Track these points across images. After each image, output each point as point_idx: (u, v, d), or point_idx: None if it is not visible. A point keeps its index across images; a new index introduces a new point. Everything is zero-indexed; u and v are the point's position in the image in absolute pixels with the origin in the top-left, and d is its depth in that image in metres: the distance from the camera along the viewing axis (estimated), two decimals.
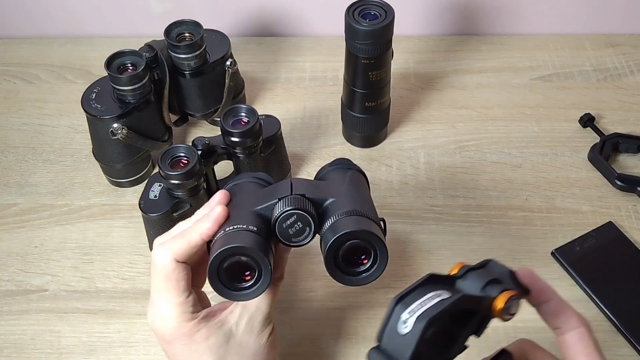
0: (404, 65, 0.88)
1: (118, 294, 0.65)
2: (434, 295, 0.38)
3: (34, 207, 0.72)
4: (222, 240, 0.45)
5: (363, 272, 0.46)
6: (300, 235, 0.47)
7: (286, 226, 0.46)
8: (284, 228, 0.47)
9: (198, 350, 0.47)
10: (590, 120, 0.78)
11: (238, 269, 0.45)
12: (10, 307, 0.64)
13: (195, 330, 0.47)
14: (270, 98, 0.84)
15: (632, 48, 0.89)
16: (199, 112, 0.77)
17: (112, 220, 0.71)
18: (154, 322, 0.48)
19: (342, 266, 0.46)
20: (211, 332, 0.47)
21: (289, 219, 0.46)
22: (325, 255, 0.45)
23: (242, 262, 0.45)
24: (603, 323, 0.61)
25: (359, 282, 0.46)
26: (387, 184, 0.73)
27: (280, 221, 0.46)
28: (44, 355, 0.60)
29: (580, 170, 0.74)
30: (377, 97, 0.71)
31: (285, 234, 0.47)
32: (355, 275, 0.46)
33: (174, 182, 0.61)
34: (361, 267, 0.46)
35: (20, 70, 0.89)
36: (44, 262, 0.67)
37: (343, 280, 0.46)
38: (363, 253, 0.46)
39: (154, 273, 0.48)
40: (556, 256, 0.65)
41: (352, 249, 0.45)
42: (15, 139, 0.80)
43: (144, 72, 0.67)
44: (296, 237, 0.47)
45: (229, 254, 0.44)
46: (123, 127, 0.67)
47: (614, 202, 0.71)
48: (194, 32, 0.72)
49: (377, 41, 0.65)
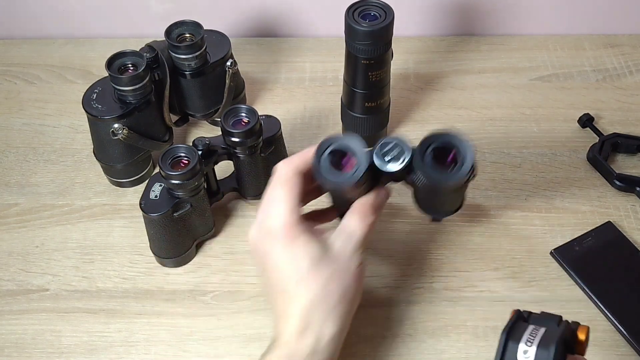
0: (403, 65, 0.88)
1: (119, 293, 0.65)
2: (535, 328, 0.39)
3: (35, 207, 0.72)
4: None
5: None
6: (396, 162, 0.51)
7: (385, 152, 0.51)
8: (382, 153, 0.51)
9: (296, 253, 0.51)
10: (590, 120, 0.78)
11: (340, 157, 0.51)
12: (11, 306, 0.64)
13: (299, 233, 0.52)
14: (270, 98, 0.84)
15: (631, 48, 0.89)
16: (200, 113, 0.77)
17: (112, 220, 0.71)
18: (263, 220, 0.53)
19: (431, 166, 0.49)
20: (311, 241, 0.52)
21: (388, 146, 0.51)
22: (416, 158, 0.50)
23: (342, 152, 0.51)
24: (602, 323, 0.61)
25: (449, 178, 0.49)
26: None
27: (381, 146, 0.51)
28: (45, 354, 0.60)
29: (579, 170, 0.74)
30: (377, 98, 0.71)
31: (381, 158, 0.51)
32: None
33: (175, 182, 0.61)
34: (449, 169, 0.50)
35: (21, 71, 0.89)
36: (45, 262, 0.67)
37: (435, 175, 0.49)
38: (450, 154, 0.50)
39: (273, 182, 0.54)
40: (555, 256, 0.66)
41: (439, 151, 0.50)
42: (16, 139, 0.80)
43: (144, 73, 0.68)
44: (393, 161, 0.51)
45: (334, 142, 0.51)
46: (124, 127, 0.67)
47: (613, 202, 0.71)
48: (195, 33, 0.72)
49: (377, 41, 0.65)
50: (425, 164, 0.49)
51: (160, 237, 0.64)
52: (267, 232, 0.52)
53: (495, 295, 0.63)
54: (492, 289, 0.64)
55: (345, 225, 0.54)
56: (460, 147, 0.49)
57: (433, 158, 0.50)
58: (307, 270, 0.51)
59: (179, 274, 0.66)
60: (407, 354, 0.60)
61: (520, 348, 0.38)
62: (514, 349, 0.38)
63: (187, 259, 0.67)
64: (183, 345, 0.61)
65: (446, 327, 0.61)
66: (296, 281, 0.51)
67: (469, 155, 0.49)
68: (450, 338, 0.61)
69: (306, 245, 0.51)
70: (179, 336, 0.61)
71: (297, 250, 0.51)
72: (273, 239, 0.52)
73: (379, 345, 0.60)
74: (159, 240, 0.64)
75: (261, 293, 0.64)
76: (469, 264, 0.66)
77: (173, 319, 0.63)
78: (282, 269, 0.52)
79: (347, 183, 0.50)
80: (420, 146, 0.50)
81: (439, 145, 0.50)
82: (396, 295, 0.64)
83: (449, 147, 0.50)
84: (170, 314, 0.63)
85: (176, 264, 0.66)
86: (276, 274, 0.52)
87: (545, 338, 0.38)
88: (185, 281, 0.66)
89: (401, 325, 0.62)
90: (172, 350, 0.61)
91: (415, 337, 0.61)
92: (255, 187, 0.69)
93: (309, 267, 0.51)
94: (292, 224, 0.52)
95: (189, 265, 0.67)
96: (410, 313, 0.62)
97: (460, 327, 0.61)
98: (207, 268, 0.67)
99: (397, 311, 0.63)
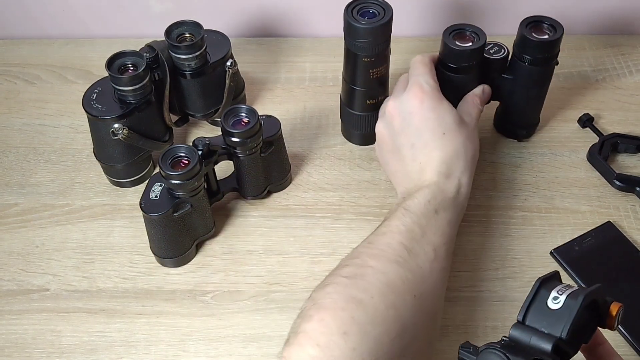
0: (403, 65, 0.87)
1: (119, 293, 0.65)
2: (568, 285, 0.41)
3: (35, 207, 0.72)
4: None
5: None
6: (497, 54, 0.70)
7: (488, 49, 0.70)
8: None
9: (445, 109, 0.63)
10: (589, 120, 0.78)
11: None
12: (12, 306, 0.64)
13: (443, 98, 0.64)
14: (270, 98, 0.84)
15: (631, 48, 0.89)
16: (200, 113, 0.77)
17: (113, 220, 0.71)
18: (413, 85, 0.64)
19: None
20: (451, 106, 0.64)
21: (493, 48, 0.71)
22: None
23: None
24: None
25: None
26: (387, 183, 0.73)
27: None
28: (45, 354, 0.61)
29: (579, 170, 0.74)
30: (377, 95, 0.72)
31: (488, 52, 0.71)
32: None
33: (175, 182, 0.61)
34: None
35: (21, 71, 0.89)
36: (45, 262, 0.68)
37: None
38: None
39: (413, 65, 0.67)
40: (555, 256, 0.66)
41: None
42: (16, 139, 0.80)
43: (144, 73, 0.68)
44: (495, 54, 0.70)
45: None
46: (124, 127, 0.67)
47: (613, 202, 0.71)
48: (195, 33, 0.72)
49: (377, 39, 0.66)
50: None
51: (160, 237, 0.64)
52: (422, 89, 0.63)
53: (495, 295, 0.63)
54: (492, 289, 0.64)
55: (463, 108, 0.66)
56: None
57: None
58: (451, 126, 0.62)
59: (179, 274, 0.66)
60: None
61: (551, 295, 0.40)
62: (545, 295, 0.40)
63: (187, 259, 0.67)
64: (183, 345, 0.61)
65: (446, 327, 0.61)
66: (442, 133, 0.61)
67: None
68: (450, 338, 0.61)
69: (449, 107, 0.63)
70: (179, 336, 0.61)
71: (443, 109, 0.62)
72: (428, 93, 0.63)
73: None
74: (159, 240, 0.64)
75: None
76: (469, 264, 0.66)
77: (173, 319, 0.63)
78: (432, 121, 0.62)
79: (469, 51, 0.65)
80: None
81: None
82: None
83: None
84: (170, 313, 0.63)
85: (176, 264, 0.66)
86: (425, 124, 0.62)
87: (576, 292, 0.40)
88: (185, 281, 0.66)
89: None
90: (172, 350, 0.61)
91: None
92: (255, 186, 0.69)
93: (453, 124, 0.62)
94: (438, 89, 0.64)
95: (188, 265, 0.67)
96: None
97: (460, 327, 0.61)
98: (207, 268, 0.67)
99: None
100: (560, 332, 0.38)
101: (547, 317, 0.39)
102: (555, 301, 0.40)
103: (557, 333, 0.38)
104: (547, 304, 0.40)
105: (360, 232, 0.69)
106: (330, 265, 0.55)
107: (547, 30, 0.69)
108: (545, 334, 0.39)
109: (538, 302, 0.40)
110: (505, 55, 0.70)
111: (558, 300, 0.40)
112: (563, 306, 0.39)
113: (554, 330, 0.39)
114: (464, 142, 0.62)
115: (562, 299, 0.40)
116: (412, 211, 0.57)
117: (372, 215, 0.70)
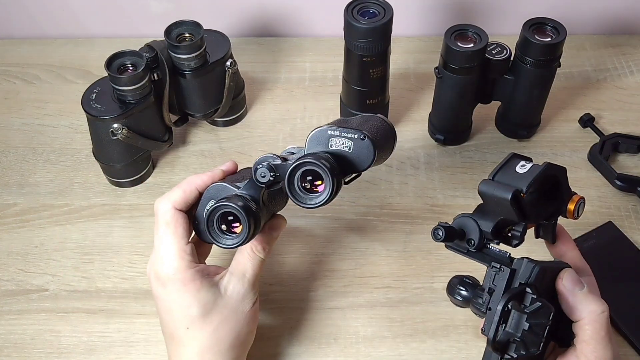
0: (403, 65, 0.88)
1: (118, 293, 0.65)
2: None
3: (34, 207, 0.72)
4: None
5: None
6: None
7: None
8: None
9: (187, 299, 0.50)
10: (590, 120, 0.78)
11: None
12: (11, 306, 0.64)
13: (189, 280, 0.50)
14: (270, 98, 0.84)
15: (632, 48, 0.89)
16: (199, 112, 0.77)
17: (112, 220, 0.71)
18: (154, 263, 0.52)
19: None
20: (203, 286, 0.51)
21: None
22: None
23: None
24: None
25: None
26: (387, 184, 0.73)
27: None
28: (44, 354, 0.60)
29: (580, 170, 0.74)
30: (378, 94, 0.71)
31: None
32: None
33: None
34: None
35: (21, 71, 0.89)
36: (44, 262, 0.67)
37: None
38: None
39: (156, 222, 0.52)
40: None
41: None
42: (15, 139, 0.80)
43: (144, 73, 0.68)
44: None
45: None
46: (123, 127, 0.67)
47: (614, 202, 0.71)
48: (194, 33, 0.72)
49: (378, 38, 0.65)
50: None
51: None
52: (157, 278, 0.51)
53: None
54: None
55: (236, 266, 0.53)
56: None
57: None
58: (197, 318, 0.50)
59: None
60: (408, 354, 0.60)
61: (520, 163, 0.47)
62: (514, 163, 0.47)
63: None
64: None
65: (446, 327, 0.61)
66: (186, 327, 0.51)
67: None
68: (450, 338, 0.60)
69: (198, 292, 0.50)
70: None
71: (187, 297, 0.50)
72: (164, 285, 0.51)
73: (379, 346, 0.60)
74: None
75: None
76: (469, 263, 0.66)
77: None
78: (173, 314, 0.51)
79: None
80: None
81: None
82: (396, 296, 0.64)
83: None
84: None
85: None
86: (168, 316, 0.51)
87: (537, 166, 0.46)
88: None
89: (402, 326, 0.61)
90: None
91: (415, 338, 0.61)
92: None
93: (199, 314, 0.50)
94: (183, 269, 0.51)
95: None
96: (411, 313, 0.62)
97: (461, 327, 0.61)
98: None
99: (397, 311, 0.63)
100: (522, 186, 0.44)
101: (513, 177, 0.45)
102: (522, 167, 0.46)
103: (519, 187, 0.44)
104: (515, 169, 0.46)
105: (361, 232, 0.69)
106: (331, 265, 0.54)
107: (550, 32, 0.68)
108: (507, 185, 0.44)
109: (507, 166, 0.46)
110: (507, 56, 0.69)
111: (525, 167, 0.46)
112: (528, 170, 0.46)
113: (517, 185, 0.44)
114: (216, 331, 0.51)
115: (528, 166, 0.46)
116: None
117: (372, 215, 0.70)
